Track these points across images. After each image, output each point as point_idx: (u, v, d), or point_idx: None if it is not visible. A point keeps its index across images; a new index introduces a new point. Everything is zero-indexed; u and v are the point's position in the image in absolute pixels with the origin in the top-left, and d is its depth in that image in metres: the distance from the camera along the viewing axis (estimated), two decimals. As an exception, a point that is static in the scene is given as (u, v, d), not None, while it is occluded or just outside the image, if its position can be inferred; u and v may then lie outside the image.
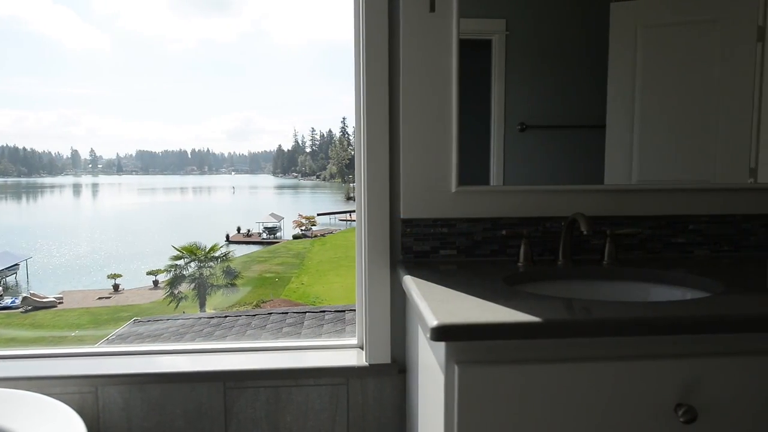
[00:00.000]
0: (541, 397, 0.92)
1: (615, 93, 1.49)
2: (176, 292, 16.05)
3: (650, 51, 1.48)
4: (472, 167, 1.47)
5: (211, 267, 16.94)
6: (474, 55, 1.46)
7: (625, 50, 1.48)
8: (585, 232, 1.24)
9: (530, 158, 1.50)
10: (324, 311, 3.50)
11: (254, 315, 3.61)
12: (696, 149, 1.52)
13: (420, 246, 1.43)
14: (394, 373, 1.47)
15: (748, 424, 0.95)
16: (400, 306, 1.48)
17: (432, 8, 1.36)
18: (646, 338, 0.94)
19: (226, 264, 17.44)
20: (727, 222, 1.50)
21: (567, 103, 1.50)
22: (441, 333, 0.87)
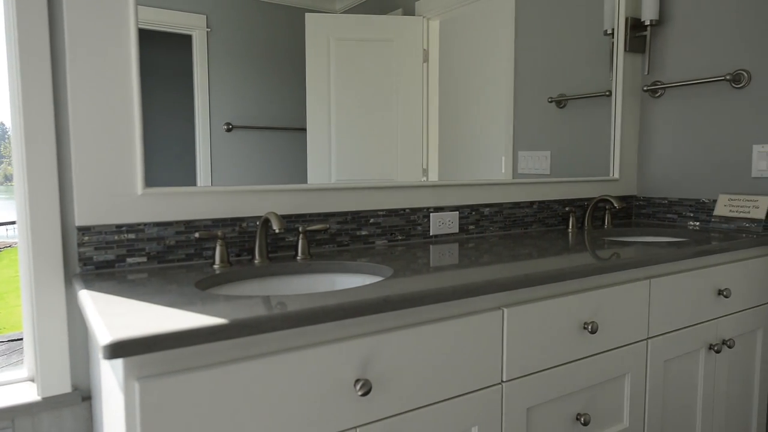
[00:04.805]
0: (235, 397, 0.91)
1: (313, 98, 1.58)
2: None
3: (341, 62, 1.62)
4: (179, 168, 1.40)
5: None
6: (176, 50, 1.38)
7: (319, 59, 1.58)
8: (277, 231, 1.29)
9: (238, 158, 1.49)
10: (-7, 343, 2.87)
11: None
12: (381, 152, 1.72)
13: (102, 255, 1.29)
14: (76, 402, 1.29)
15: (413, 385, 1.11)
16: (81, 325, 1.30)
17: (103, -8, 1.23)
18: (329, 324, 1.02)
19: None
20: (399, 215, 1.74)
21: (272, 104, 1.53)
22: (115, 350, 0.79)
